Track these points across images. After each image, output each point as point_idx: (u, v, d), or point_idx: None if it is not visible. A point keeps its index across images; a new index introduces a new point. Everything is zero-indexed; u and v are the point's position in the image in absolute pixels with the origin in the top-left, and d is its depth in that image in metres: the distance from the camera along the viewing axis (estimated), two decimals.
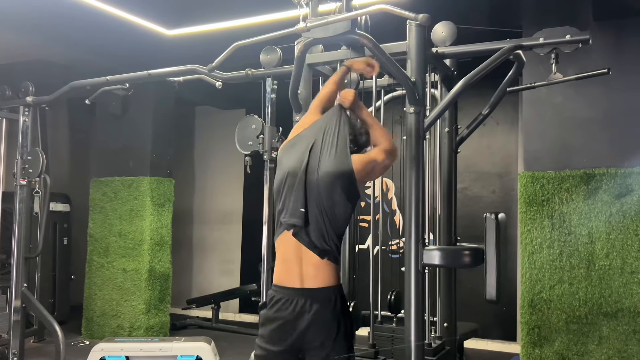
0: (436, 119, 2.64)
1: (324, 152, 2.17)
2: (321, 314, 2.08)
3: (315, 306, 2.08)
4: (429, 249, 2.45)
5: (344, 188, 2.12)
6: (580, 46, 2.65)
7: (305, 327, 2.08)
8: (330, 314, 2.09)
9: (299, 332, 2.09)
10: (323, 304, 2.09)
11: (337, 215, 2.12)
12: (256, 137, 3.33)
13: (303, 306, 2.08)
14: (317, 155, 2.17)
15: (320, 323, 2.08)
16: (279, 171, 2.25)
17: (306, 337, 2.09)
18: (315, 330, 2.08)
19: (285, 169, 2.21)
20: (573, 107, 3.78)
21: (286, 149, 2.29)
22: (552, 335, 3.64)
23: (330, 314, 2.09)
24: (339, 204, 2.12)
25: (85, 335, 5.77)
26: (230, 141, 3.48)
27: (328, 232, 2.11)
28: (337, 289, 2.14)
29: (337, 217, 2.12)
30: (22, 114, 4.58)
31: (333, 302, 2.10)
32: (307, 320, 2.07)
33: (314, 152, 2.18)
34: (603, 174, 3.60)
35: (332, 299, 2.10)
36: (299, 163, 2.17)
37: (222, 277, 7.15)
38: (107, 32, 4.76)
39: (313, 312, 2.07)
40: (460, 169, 3.92)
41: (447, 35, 2.93)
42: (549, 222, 3.71)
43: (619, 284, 3.49)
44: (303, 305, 2.08)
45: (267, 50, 3.39)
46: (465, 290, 4.71)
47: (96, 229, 5.85)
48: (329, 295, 2.10)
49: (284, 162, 2.24)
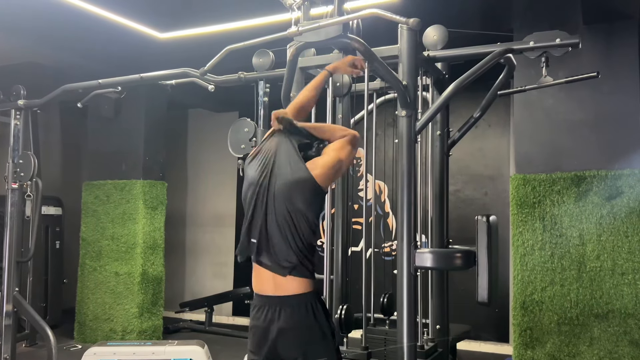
0: (428, 122, 2.66)
1: (280, 164, 2.10)
2: (290, 322, 2.02)
3: (283, 314, 2.02)
4: (421, 252, 2.47)
5: (303, 198, 2.04)
6: (570, 50, 2.68)
7: (275, 336, 2.03)
8: (302, 323, 2.03)
9: (270, 341, 2.04)
10: (292, 312, 2.03)
11: (300, 227, 2.04)
12: (249, 140, 3.34)
13: (273, 314, 2.04)
14: (275, 168, 2.11)
15: (290, 332, 2.02)
16: (245, 182, 2.19)
17: (278, 346, 2.04)
18: (285, 340, 2.03)
19: (249, 180, 2.16)
20: (564, 110, 3.81)
21: (250, 160, 2.22)
22: (544, 337, 3.66)
23: (302, 322, 2.03)
24: (300, 216, 2.04)
25: (77, 340, 5.74)
26: (223, 144, 3.48)
27: (292, 247, 2.03)
28: (309, 296, 2.06)
29: (301, 230, 2.04)
30: (13, 117, 4.56)
31: (304, 310, 2.03)
32: (276, 329, 2.02)
33: (274, 165, 2.11)
34: (593, 176, 3.63)
35: (303, 306, 2.03)
36: (259, 176, 2.12)
37: (215, 280, 7.14)
38: (99, 35, 4.75)
39: (282, 321, 2.02)
40: (452, 171, 3.95)
41: (438, 38, 2.96)
42: (541, 224, 3.73)
43: (610, 285, 3.52)
44: (273, 313, 2.04)
45: (259, 53, 3.40)
46: (457, 293, 4.72)
47: (88, 232, 5.83)
48: (299, 303, 2.03)
49: (249, 172, 2.18)
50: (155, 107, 5.94)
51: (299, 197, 2.05)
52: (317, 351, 2.05)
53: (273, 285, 2.06)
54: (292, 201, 2.04)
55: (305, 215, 2.05)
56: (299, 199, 2.04)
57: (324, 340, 2.06)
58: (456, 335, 4.37)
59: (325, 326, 2.07)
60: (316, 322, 2.04)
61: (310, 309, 2.04)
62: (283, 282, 2.05)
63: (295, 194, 2.05)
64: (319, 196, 2.10)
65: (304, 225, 2.05)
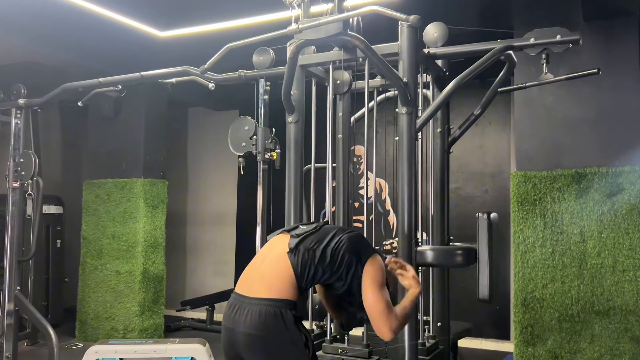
0: (428, 120, 2.66)
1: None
2: (257, 326, 2.00)
3: (250, 317, 2.00)
4: (422, 249, 2.47)
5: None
6: (571, 46, 2.67)
7: (241, 338, 2.03)
8: (269, 329, 1.99)
9: (235, 343, 2.07)
10: (260, 315, 1.99)
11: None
12: (249, 139, 3.34)
13: (240, 315, 2.05)
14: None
15: (256, 337, 2.00)
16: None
17: (242, 350, 2.04)
18: (250, 344, 2.02)
19: None
20: (564, 107, 3.81)
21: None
22: (545, 334, 3.66)
23: (269, 328, 1.99)
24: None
25: (79, 338, 5.75)
26: (224, 143, 3.48)
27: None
28: (281, 303, 2.02)
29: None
30: (14, 117, 4.57)
31: (272, 316, 1.99)
32: (242, 332, 2.02)
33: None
34: (594, 173, 3.63)
35: (271, 312, 2.00)
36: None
37: (216, 279, 7.14)
38: (99, 33, 4.75)
39: (248, 323, 2.01)
40: (452, 169, 3.95)
41: (438, 36, 2.95)
42: (541, 221, 3.73)
43: (611, 282, 3.52)
44: (241, 315, 2.05)
45: (259, 51, 3.39)
46: (458, 290, 4.72)
47: (89, 231, 5.83)
48: (268, 307, 2.01)
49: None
50: (156, 105, 5.94)
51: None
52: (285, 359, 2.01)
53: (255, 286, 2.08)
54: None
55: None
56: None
57: (294, 348, 2.00)
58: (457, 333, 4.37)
59: (295, 334, 2.01)
60: (285, 330, 1.99)
61: (279, 315, 1.99)
62: (260, 285, 2.06)
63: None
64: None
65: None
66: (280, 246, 2.16)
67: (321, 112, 3.14)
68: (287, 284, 2.07)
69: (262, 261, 2.16)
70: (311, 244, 2.11)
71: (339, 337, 3.15)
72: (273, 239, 2.27)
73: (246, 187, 6.74)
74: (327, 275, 2.11)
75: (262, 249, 2.26)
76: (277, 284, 2.06)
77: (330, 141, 3.07)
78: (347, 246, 2.11)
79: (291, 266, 2.08)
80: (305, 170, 3.21)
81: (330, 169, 3.08)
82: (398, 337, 2.49)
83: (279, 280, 2.06)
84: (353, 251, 2.11)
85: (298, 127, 3.05)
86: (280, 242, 2.19)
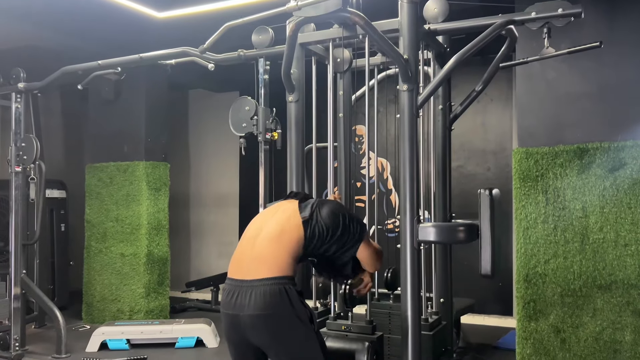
0: (429, 96, 2.65)
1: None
2: (262, 306, 2.05)
3: (254, 298, 2.04)
4: (424, 226, 2.48)
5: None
6: (573, 20, 2.65)
7: (246, 321, 2.08)
8: (275, 308, 2.04)
9: (242, 327, 2.13)
10: (265, 295, 2.04)
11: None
12: (250, 119, 3.33)
13: (243, 299, 2.10)
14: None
15: (263, 317, 2.05)
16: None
17: (248, 333, 2.10)
18: (257, 325, 2.07)
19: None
20: (566, 82, 3.78)
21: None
22: (547, 309, 3.69)
23: (275, 307, 2.04)
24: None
25: (85, 320, 5.81)
26: (225, 124, 3.47)
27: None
28: (284, 280, 2.07)
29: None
30: (14, 101, 4.56)
31: (277, 295, 2.04)
32: (247, 314, 2.07)
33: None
34: (596, 148, 3.62)
35: (276, 290, 2.05)
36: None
37: (220, 260, 7.18)
38: (97, 16, 4.71)
39: (253, 305, 2.06)
40: (454, 146, 3.93)
41: (439, 11, 2.93)
42: (544, 197, 3.73)
43: (613, 256, 3.53)
44: (243, 298, 2.09)
45: (258, 30, 3.37)
46: (461, 267, 4.75)
47: (93, 214, 5.85)
48: (272, 286, 2.05)
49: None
50: (156, 88, 5.91)
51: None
52: (293, 336, 2.05)
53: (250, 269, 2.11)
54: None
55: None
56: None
57: (300, 324, 2.05)
58: (460, 309, 4.42)
59: (300, 310, 2.05)
60: (291, 307, 2.03)
61: (284, 292, 2.03)
62: (260, 266, 2.08)
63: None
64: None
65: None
66: (273, 223, 2.18)
67: (322, 91, 3.13)
68: (287, 258, 2.10)
69: (252, 245, 2.15)
70: (322, 213, 2.19)
71: (342, 315, 3.18)
72: (257, 220, 2.29)
73: (248, 168, 6.75)
74: (332, 241, 2.19)
75: (246, 232, 2.26)
76: (277, 261, 2.08)
77: (331, 120, 3.06)
78: (350, 214, 2.28)
79: (304, 236, 2.14)
80: (307, 150, 3.22)
81: (331, 149, 3.08)
82: (401, 313, 2.51)
83: (278, 257, 2.09)
84: (357, 219, 2.28)
85: (299, 106, 3.05)
86: (271, 219, 2.21)
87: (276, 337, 2.03)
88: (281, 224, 2.16)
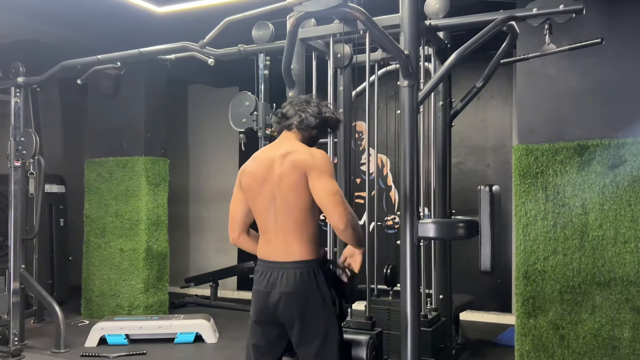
0: (430, 92, 2.64)
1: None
2: (291, 286, 2.24)
3: (286, 278, 2.25)
4: (424, 222, 2.47)
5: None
6: (574, 16, 2.64)
7: (277, 299, 2.26)
8: (303, 287, 2.23)
9: (272, 304, 2.29)
10: (295, 276, 2.24)
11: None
12: (250, 114, 3.33)
13: (275, 278, 2.28)
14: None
15: (291, 295, 2.24)
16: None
17: (278, 309, 2.27)
18: (285, 303, 2.25)
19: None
20: (566, 79, 3.78)
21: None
22: (546, 306, 3.69)
23: (303, 286, 2.23)
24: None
25: (84, 315, 5.81)
26: (224, 119, 3.46)
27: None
28: (312, 263, 2.26)
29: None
30: (13, 95, 4.55)
31: (306, 276, 2.24)
32: (278, 293, 2.26)
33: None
34: (596, 145, 3.62)
35: (305, 272, 2.24)
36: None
37: (220, 256, 7.18)
38: (96, 10, 4.70)
39: (284, 284, 2.25)
40: (454, 143, 3.93)
41: (440, 7, 2.92)
42: (543, 194, 3.73)
43: (612, 253, 3.53)
44: (276, 278, 2.28)
45: (259, 25, 3.36)
46: (460, 263, 4.75)
47: (92, 209, 5.85)
48: (302, 268, 2.24)
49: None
50: (155, 83, 5.90)
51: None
52: (316, 314, 2.22)
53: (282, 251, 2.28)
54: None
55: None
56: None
57: (324, 306, 2.23)
58: (459, 306, 4.42)
59: (326, 293, 2.24)
60: (317, 288, 2.22)
61: (312, 274, 2.23)
62: (289, 249, 2.25)
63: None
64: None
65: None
66: (283, 204, 2.30)
67: (322, 86, 3.12)
68: (310, 236, 2.26)
69: (274, 219, 2.32)
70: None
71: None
72: (256, 185, 2.55)
73: None
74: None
75: (255, 207, 2.54)
76: (302, 244, 2.25)
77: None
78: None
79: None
80: None
81: (331, 145, 3.07)
82: (400, 309, 2.51)
83: (302, 239, 2.25)
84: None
85: None
86: (278, 195, 2.36)
87: (300, 312, 2.21)
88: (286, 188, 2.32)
